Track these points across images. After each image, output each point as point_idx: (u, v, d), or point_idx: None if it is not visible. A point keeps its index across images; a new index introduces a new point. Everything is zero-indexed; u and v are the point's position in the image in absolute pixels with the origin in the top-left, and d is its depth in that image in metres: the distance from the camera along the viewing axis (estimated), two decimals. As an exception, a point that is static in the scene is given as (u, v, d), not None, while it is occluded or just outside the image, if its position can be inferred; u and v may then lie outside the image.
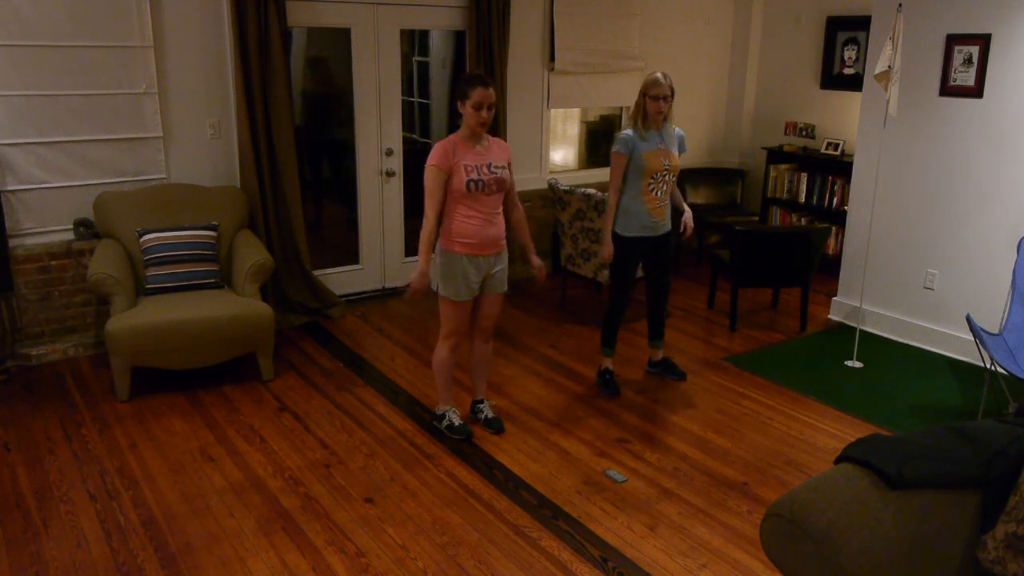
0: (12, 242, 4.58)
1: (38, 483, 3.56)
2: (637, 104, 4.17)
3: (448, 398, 4.09)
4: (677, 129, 4.31)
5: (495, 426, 4.09)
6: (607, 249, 4.32)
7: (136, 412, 4.20)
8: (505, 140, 6.12)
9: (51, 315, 4.79)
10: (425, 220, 3.67)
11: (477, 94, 3.56)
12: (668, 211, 4.34)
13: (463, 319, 3.87)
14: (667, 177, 4.22)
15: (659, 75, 4.11)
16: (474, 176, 3.64)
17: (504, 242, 3.85)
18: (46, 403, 4.27)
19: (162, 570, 3.00)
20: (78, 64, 4.59)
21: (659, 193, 4.22)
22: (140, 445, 3.89)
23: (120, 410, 4.23)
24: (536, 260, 3.94)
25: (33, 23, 4.45)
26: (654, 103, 4.10)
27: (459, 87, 3.63)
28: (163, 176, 5.00)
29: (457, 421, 4.03)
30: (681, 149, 4.32)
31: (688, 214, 4.40)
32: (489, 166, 3.69)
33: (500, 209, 3.79)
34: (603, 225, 4.35)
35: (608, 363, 4.60)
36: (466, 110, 3.62)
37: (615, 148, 4.18)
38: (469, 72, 3.59)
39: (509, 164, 3.81)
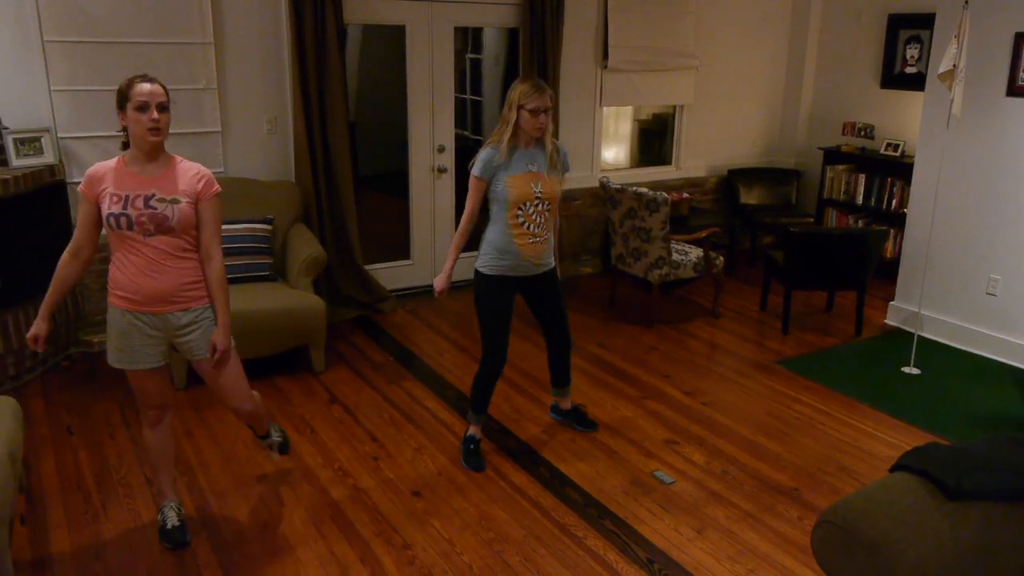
0: (77, 232, 4.72)
1: (98, 466, 3.68)
2: (505, 119, 3.44)
3: (164, 488, 3.21)
4: (559, 145, 3.61)
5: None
6: (439, 282, 3.62)
7: (191, 400, 4.30)
8: (557, 139, 6.09)
9: (112, 304, 4.92)
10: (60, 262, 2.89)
11: (141, 91, 2.70)
12: (548, 247, 3.62)
13: (145, 392, 3.01)
14: (540, 207, 3.49)
15: (537, 83, 3.40)
16: (116, 209, 2.74)
17: (193, 295, 2.90)
18: (106, 389, 4.40)
19: (214, 555, 3.07)
20: (142, 60, 4.70)
21: (532, 227, 3.50)
22: (195, 432, 3.99)
23: (176, 398, 4.34)
24: (216, 336, 2.93)
25: (99, 20, 4.58)
26: (532, 118, 3.38)
27: (118, 94, 2.74)
28: (221, 170, 5.11)
29: (171, 523, 3.15)
30: (564, 169, 3.61)
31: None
32: (148, 198, 2.75)
33: (181, 252, 2.85)
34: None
35: (474, 430, 3.84)
36: (129, 117, 2.72)
37: (472, 171, 3.49)
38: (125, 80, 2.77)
39: (199, 198, 2.83)
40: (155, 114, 2.72)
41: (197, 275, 2.91)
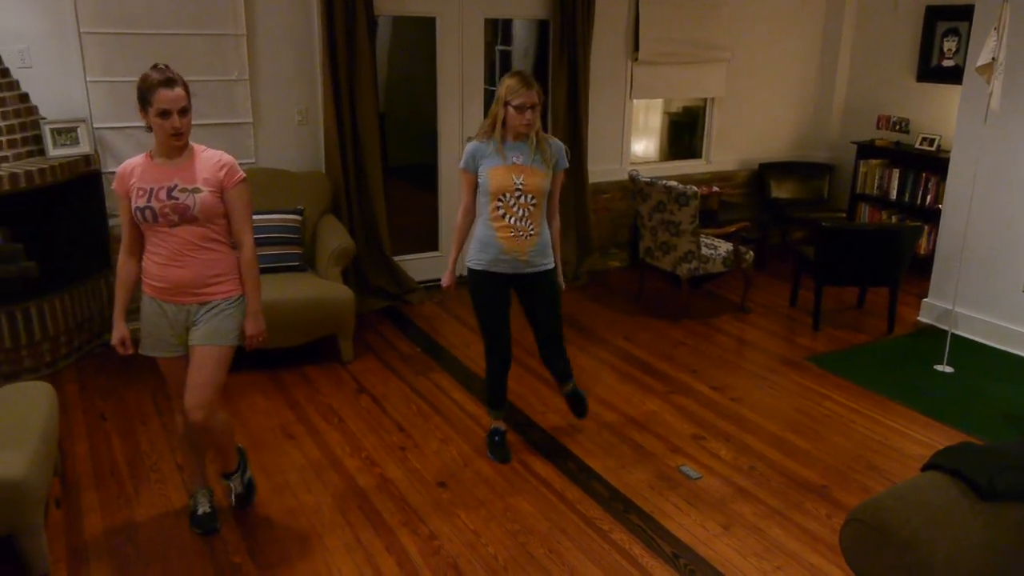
0: (111, 221, 4.79)
1: (131, 452, 3.74)
2: (493, 114, 3.42)
3: (195, 476, 3.26)
4: (553, 142, 3.51)
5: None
6: (445, 278, 3.73)
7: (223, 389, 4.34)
8: (586, 133, 6.09)
9: (145, 292, 5.00)
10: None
11: (162, 98, 2.70)
12: (537, 244, 3.49)
13: (176, 379, 3.02)
14: (523, 200, 3.42)
15: (523, 78, 3.34)
16: (142, 203, 2.78)
17: (220, 288, 2.91)
18: (139, 376, 4.46)
19: (243, 542, 3.11)
20: (176, 51, 4.75)
21: (513, 220, 3.43)
22: (225, 420, 4.03)
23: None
24: (248, 322, 2.97)
25: (135, 11, 4.64)
26: (518, 115, 3.33)
27: (139, 92, 2.75)
28: (252, 161, 5.15)
29: (202, 509, 3.20)
30: (559, 165, 3.52)
31: (558, 279, 3.63)
32: (171, 189, 2.79)
33: (207, 242, 2.86)
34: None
35: (497, 423, 3.84)
36: (151, 119, 2.75)
37: (460, 163, 3.54)
38: (146, 74, 2.76)
39: (223, 187, 2.85)
40: (177, 122, 2.74)
41: (224, 267, 2.92)
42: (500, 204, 3.42)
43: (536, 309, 3.64)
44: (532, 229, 3.47)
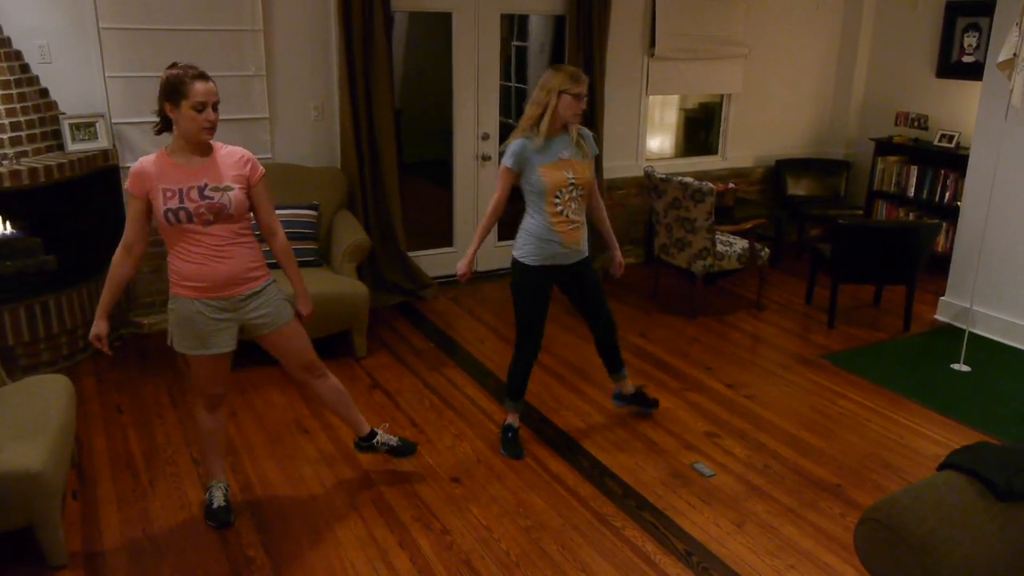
0: (129, 216, 4.83)
1: (147, 445, 3.77)
2: (539, 103, 3.41)
3: (212, 469, 3.30)
4: (583, 130, 3.56)
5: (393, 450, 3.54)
6: (462, 266, 3.67)
7: (237, 382, 4.38)
8: (601, 129, 6.08)
9: (163, 286, 5.02)
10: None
11: (199, 91, 2.71)
12: (584, 231, 3.61)
13: (213, 377, 3.07)
14: (574, 193, 3.50)
15: (576, 70, 3.41)
16: (174, 204, 2.77)
17: (259, 274, 2.98)
18: (156, 370, 4.50)
19: (256, 535, 3.13)
20: (193, 46, 4.78)
21: (568, 213, 3.51)
22: (240, 414, 4.06)
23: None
24: (300, 304, 3.13)
25: (152, 7, 4.66)
26: (576, 102, 3.37)
27: (168, 86, 2.74)
28: (269, 156, 5.17)
29: (217, 503, 3.23)
30: (592, 152, 3.59)
31: (618, 255, 3.83)
32: (202, 189, 2.80)
33: (239, 237, 2.91)
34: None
35: (512, 418, 3.84)
36: (183, 114, 2.73)
37: (503, 161, 3.50)
38: (174, 70, 2.76)
39: (250, 183, 2.91)
40: (212, 115, 2.76)
41: (257, 256, 3.00)
42: (558, 200, 3.48)
43: (588, 298, 3.78)
44: (580, 218, 3.59)
